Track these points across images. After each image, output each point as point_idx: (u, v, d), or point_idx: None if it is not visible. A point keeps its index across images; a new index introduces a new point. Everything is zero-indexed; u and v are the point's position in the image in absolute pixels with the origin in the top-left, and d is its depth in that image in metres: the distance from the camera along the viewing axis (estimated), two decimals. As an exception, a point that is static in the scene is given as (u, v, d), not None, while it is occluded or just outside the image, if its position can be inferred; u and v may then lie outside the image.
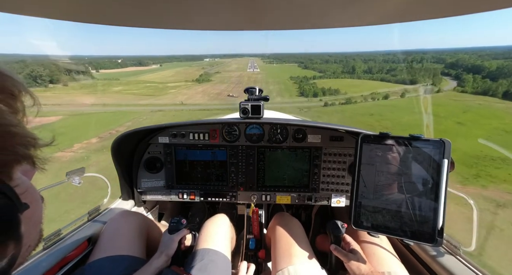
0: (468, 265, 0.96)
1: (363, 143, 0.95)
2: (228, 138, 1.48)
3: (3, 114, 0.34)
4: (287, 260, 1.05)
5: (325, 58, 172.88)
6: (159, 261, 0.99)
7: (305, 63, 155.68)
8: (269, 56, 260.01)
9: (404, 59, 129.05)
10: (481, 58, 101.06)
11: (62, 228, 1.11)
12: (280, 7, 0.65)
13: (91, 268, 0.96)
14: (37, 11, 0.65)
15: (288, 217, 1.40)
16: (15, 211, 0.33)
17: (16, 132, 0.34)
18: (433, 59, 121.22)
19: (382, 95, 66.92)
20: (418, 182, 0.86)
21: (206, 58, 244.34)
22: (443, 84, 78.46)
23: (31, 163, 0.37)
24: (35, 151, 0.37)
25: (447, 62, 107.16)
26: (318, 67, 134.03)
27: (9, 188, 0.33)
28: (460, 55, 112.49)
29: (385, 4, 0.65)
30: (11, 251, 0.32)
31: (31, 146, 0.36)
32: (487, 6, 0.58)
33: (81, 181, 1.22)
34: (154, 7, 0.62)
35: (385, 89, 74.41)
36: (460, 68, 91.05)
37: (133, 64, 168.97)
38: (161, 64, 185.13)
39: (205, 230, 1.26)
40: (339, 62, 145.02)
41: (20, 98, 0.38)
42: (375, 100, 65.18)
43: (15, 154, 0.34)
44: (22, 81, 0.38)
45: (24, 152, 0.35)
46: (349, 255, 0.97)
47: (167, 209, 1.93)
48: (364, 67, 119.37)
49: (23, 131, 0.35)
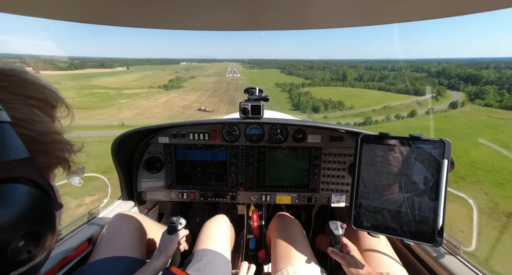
0: (468, 265, 0.96)
1: (363, 143, 0.95)
2: (228, 138, 1.48)
3: (48, 123, 0.38)
4: (287, 260, 1.05)
5: (307, 64, 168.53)
6: (158, 261, 0.99)
7: (288, 69, 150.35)
8: (248, 61, 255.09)
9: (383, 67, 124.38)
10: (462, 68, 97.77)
11: (62, 228, 1.10)
12: (280, 7, 0.66)
13: (90, 268, 0.96)
14: (32, 11, 0.65)
15: (288, 217, 1.40)
16: (54, 208, 0.37)
17: (58, 139, 0.39)
18: (411, 68, 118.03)
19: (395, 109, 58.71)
20: (418, 182, 0.86)
21: (183, 62, 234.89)
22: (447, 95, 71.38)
23: (67, 166, 0.43)
24: (70, 156, 0.43)
25: (431, 71, 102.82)
26: (303, 73, 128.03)
27: (51, 187, 0.36)
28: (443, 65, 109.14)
29: (384, 5, 0.65)
30: (48, 247, 0.35)
31: (68, 151, 0.42)
32: (486, 6, 0.58)
33: (81, 181, 1.22)
34: (151, 7, 0.63)
35: (397, 102, 64.86)
36: (454, 78, 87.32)
37: (93, 66, 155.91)
38: (129, 66, 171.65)
39: (205, 230, 1.25)
40: (323, 68, 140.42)
41: (58, 108, 0.43)
42: (399, 119, 55.68)
43: (57, 158, 0.39)
44: (59, 93, 0.43)
45: (63, 156, 0.41)
46: (347, 257, 0.96)
47: (167, 209, 1.93)
48: (355, 74, 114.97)
49: (62, 138, 0.40)
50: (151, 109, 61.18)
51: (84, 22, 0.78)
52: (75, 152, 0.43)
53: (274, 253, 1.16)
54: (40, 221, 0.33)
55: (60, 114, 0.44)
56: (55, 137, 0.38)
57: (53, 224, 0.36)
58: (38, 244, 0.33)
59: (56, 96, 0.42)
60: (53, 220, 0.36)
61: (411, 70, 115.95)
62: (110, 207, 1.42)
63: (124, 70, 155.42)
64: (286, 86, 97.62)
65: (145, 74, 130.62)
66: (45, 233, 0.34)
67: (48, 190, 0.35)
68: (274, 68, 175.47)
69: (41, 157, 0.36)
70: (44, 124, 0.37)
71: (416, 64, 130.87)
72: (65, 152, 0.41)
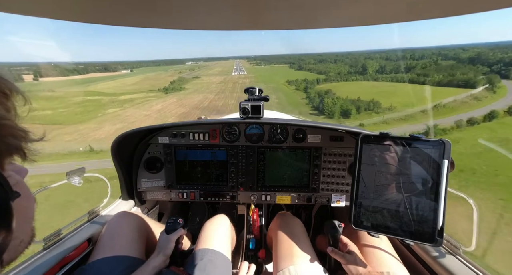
0: (469, 265, 0.96)
1: (363, 143, 0.95)
2: (228, 138, 1.48)
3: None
4: (289, 259, 1.05)
5: (317, 57, 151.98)
6: (156, 260, 0.99)
7: (297, 64, 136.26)
8: (255, 57, 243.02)
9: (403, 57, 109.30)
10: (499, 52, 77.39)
11: (62, 228, 1.11)
12: (280, 7, 0.66)
13: (90, 268, 0.96)
14: (32, 11, 0.65)
15: (290, 216, 1.40)
16: (6, 197, 0.35)
17: (7, 124, 0.37)
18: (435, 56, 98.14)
19: (450, 108, 42.23)
20: (418, 182, 0.86)
21: (188, 62, 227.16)
22: (502, 86, 52.53)
23: (22, 154, 0.40)
24: (25, 144, 0.40)
25: (462, 58, 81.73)
26: (314, 67, 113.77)
27: (2, 176, 0.35)
28: (475, 49, 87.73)
29: (385, 5, 0.65)
30: (5, 235, 0.34)
31: (22, 138, 0.39)
32: (487, 5, 0.58)
33: (81, 180, 1.22)
34: (154, 7, 0.63)
35: (449, 99, 47.87)
36: (497, 64, 67.42)
37: (96, 70, 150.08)
38: (132, 69, 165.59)
39: (205, 230, 1.26)
40: (334, 61, 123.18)
41: (11, 98, 0.40)
42: (473, 125, 35.24)
43: (7, 145, 0.37)
44: (13, 82, 0.41)
45: (15, 143, 0.38)
46: (346, 256, 0.97)
47: (167, 209, 1.93)
48: (376, 66, 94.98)
49: (13, 124, 0.38)
50: (140, 121, 51.75)
51: (85, 22, 0.78)
52: (32, 140, 0.41)
53: (275, 252, 1.16)
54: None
55: (17, 104, 0.41)
56: (5, 123, 0.36)
57: (5, 213, 0.35)
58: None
59: (9, 85, 0.40)
60: (4, 212, 0.34)
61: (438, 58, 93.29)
62: (110, 206, 1.42)
63: (127, 73, 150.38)
64: (300, 83, 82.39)
65: (147, 76, 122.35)
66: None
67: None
68: (282, 63, 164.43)
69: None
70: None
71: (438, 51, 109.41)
72: (18, 139, 0.39)
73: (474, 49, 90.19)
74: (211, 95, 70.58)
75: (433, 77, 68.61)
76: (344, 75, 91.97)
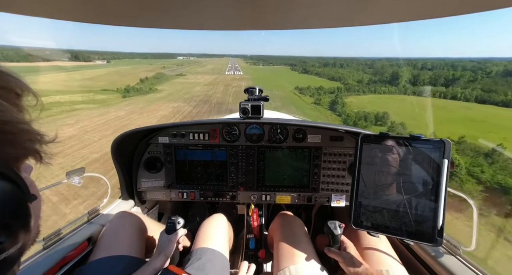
0: (468, 265, 0.96)
1: (363, 143, 0.95)
2: (228, 137, 1.48)
3: (12, 112, 0.36)
4: (289, 259, 1.05)
5: (320, 61, 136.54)
6: (157, 261, 0.99)
7: (300, 66, 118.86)
8: (251, 57, 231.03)
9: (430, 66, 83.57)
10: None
11: (62, 228, 1.10)
12: (281, 7, 0.66)
13: (90, 268, 0.96)
14: (32, 11, 0.65)
15: (291, 216, 1.40)
16: (25, 200, 0.36)
17: (25, 129, 0.37)
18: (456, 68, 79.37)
19: None
20: (418, 182, 0.86)
21: (180, 57, 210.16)
22: None
23: (38, 158, 0.40)
24: (41, 146, 0.40)
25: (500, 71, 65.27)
26: (322, 72, 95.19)
27: (20, 178, 0.35)
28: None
29: (386, 4, 0.65)
30: (21, 239, 0.35)
31: (38, 141, 0.39)
32: (487, 5, 0.58)
33: (81, 180, 1.22)
34: (154, 7, 0.62)
35: None
36: None
37: (66, 58, 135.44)
38: (110, 60, 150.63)
39: (202, 229, 1.26)
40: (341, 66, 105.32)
41: (24, 97, 0.40)
42: None
43: (25, 149, 0.38)
44: (25, 81, 0.40)
45: (33, 147, 0.38)
46: (343, 254, 0.97)
47: (167, 209, 1.93)
48: (408, 75, 77.41)
49: (30, 128, 0.38)
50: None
51: (85, 21, 0.78)
52: (46, 142, 0.41)
53: (276, 251, 1.16)
54: (10, 213, 0.33)
55: (27, 103, 0.41)
56: (21, 127, 0.36)
57: (25, 215, 0.35)
58: (9, 235, 0.33)
59: (20, 84, 0.39)
60: (25, 211, 0.35)
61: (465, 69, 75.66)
62: (110, 206, 1.42)
63: (102, 64, 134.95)
64: (315, 92, 61.81)
65: (118, 70, 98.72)
66: (17, 225, 0.34)
67: (18, 181, 0.35)
68: (281, 64, 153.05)
69: (7, 148, 0.35)
70: (8, 113, 0.35)
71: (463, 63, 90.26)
72: (35, 143, 0.39)
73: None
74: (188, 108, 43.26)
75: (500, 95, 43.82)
76: (366, 85, 73.10)
